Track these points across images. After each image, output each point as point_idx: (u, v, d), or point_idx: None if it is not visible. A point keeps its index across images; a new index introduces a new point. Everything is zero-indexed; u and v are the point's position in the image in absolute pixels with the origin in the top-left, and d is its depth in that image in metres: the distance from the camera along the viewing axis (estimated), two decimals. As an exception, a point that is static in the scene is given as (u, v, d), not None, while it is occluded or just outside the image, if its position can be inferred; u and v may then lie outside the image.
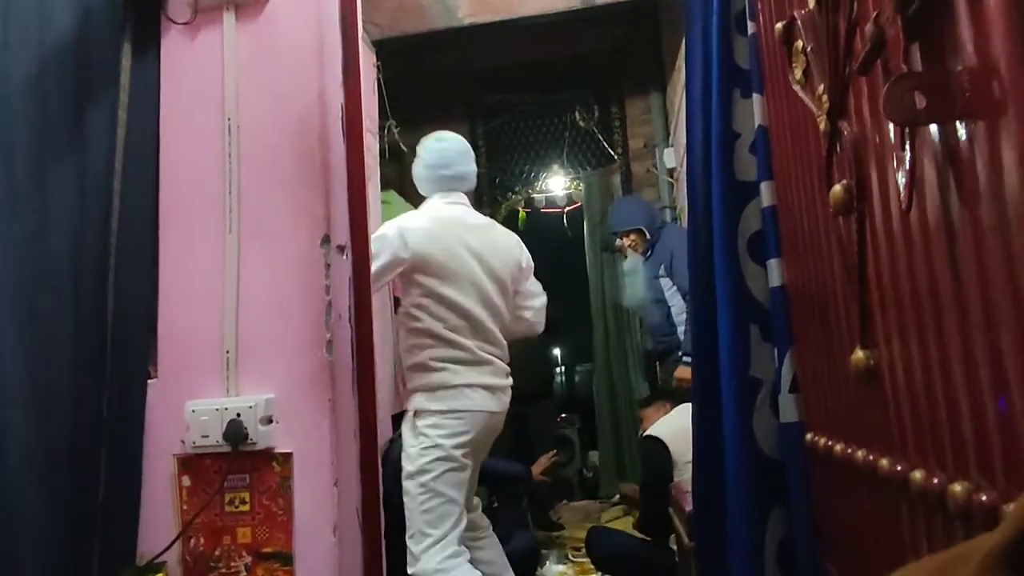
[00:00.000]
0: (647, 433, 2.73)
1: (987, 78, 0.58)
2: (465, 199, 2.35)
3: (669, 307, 3.61)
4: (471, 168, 2.36)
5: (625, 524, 3.48)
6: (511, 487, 3.57)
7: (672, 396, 3.07)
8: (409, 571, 1.97)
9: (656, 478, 2.53)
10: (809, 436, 1.32)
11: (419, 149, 2.36)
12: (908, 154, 0.70)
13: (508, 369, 2.26)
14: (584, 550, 3.05)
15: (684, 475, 2.29)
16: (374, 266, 2.04)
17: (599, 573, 2.90)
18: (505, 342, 2.27)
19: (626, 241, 3.81)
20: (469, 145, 2.41)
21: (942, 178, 0.66)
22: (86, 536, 1.52)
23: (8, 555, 1.47)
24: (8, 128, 1.60)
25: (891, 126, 0.78)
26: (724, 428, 1.51)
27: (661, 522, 2.49)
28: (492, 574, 2.22)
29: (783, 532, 1.41)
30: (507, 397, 2.23)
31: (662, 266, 3.61)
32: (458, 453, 2.04)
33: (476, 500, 2.35)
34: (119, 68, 1.63)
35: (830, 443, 1.19)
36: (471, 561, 2.04)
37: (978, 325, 0.66)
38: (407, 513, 2.02)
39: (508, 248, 2.35)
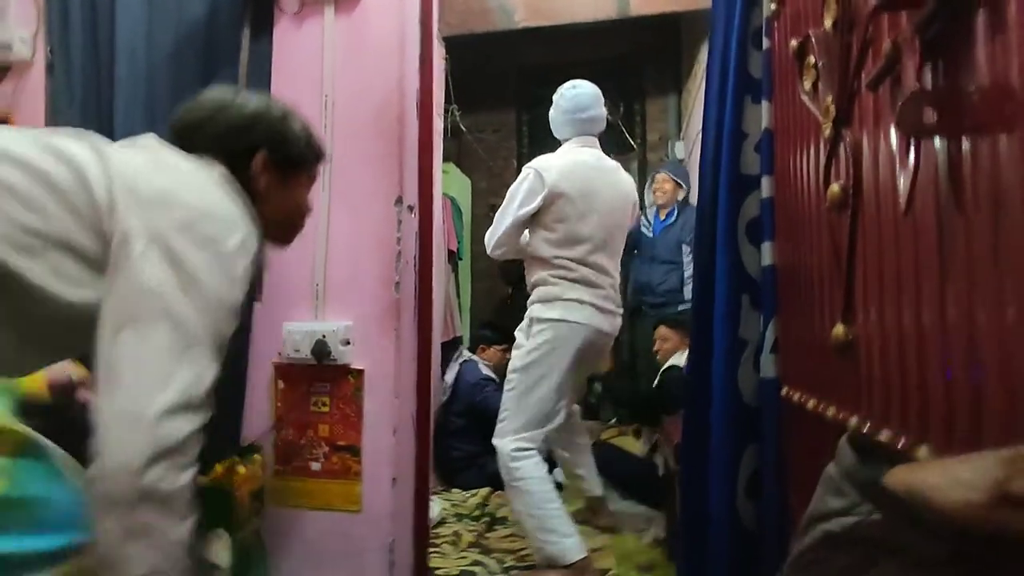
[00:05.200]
0: (672, 363, 2.61)
1: (1000, 99, 0.52)
2: (596, 143, 2.10)
3: (683, 272, 3.43)
4: (602, 112, 2.11)
5: (618, 441, 3.49)
6: None
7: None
8: (493, 441, 1.92)
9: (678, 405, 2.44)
10: (784, 390, 1.28)
11: (555, 97, 2.13)
12: (912, 162, 0.64)
13: (619, 300, 2.07)
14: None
15: None
16: (512, 207, 1.94)
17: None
18: (618, 277, 2.07)
19: (664, 185, 3.56)
20: (600, 91, 2.14)
21: (940, 187, 0.61)
22: (202, 422, 1.56)
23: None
24: (153, 93, 1.59)
25: (894, 136, 0.72)
26: (713, 377, 1.48)
27: None
28: (577, 474, 2.21)
29: (754, 467, 1.39)
30: (617, 321, 2.04)
31: (689, 235, 3.40)
32: (563, 362, 1.89)
33: (576, 408, 2.25)
34: (239, 49, 1.60)
35: (803, 398, 1.15)
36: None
37: (956, 313, 0.62)
38: (504, 396, 1.93)
39: (628, 190, 2.11)
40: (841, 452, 0.52)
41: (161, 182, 0.78)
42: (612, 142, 4.84)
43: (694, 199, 3.53)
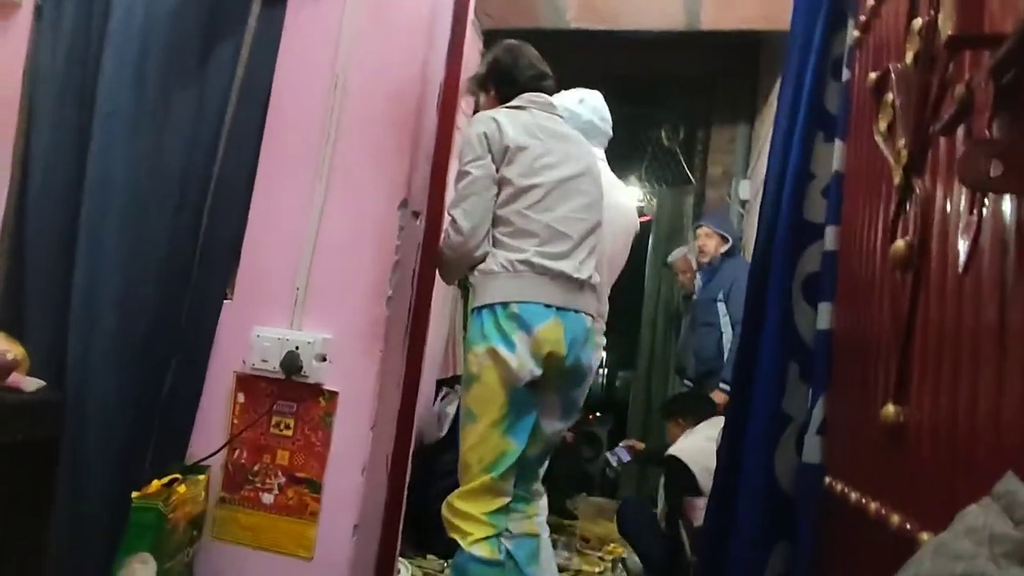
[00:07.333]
0: (670, 452, 2.66)
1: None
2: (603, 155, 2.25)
3: (720, 333, 3.47)
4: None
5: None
6: None
7: (694, 413, 2.90)
8: None
9: (673, 505, 2.48)
10: (828, 480, 1.29)
11: (571, 104, 2.28)
12: (975, 219, 0.67)
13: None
14: (592, 541, 3.05)
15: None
16: None
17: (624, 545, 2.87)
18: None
19: (708, 241, 3.58)
20: None
21: (1004, 248, 0.64)
22: (146, 428, 1.60)
23: (80, 429, 1.56)
24: (144, 54, 1.68)
25: (963, 190, 0.75)
26: (745, 456, 1.48)
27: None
28: None
29: (784, 567, 1.38)
30: None
31: (721, 291, 3.47)
32: None
33: None
34: (248, 12, 1.69)
35: (847, 490, 1.16)
36: None
37: (1018, 398, 0.64)
38: None
39: (633, 215, 2.34)
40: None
41: None
42: (666, 173, 4.91)
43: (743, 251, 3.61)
